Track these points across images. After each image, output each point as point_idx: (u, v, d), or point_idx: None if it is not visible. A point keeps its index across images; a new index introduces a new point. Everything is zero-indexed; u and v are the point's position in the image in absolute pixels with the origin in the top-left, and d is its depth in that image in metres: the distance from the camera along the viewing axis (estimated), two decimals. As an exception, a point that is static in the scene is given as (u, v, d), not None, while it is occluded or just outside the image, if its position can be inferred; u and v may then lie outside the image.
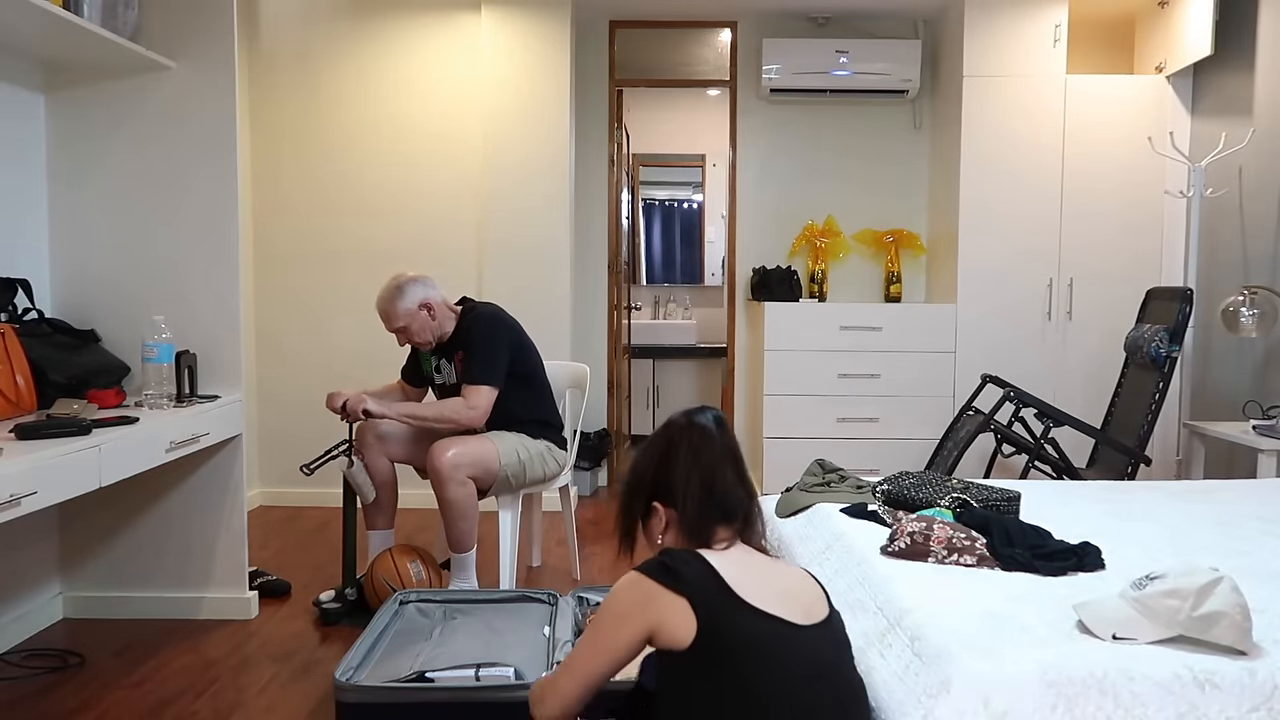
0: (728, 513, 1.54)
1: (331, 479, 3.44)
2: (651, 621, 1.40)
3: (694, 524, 1.52)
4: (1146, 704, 1.44)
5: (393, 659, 2.24)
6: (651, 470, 1.58)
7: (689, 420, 1.59)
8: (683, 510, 1.53)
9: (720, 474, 1.55)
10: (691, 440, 1.56)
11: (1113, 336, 4.37)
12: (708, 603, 1.39)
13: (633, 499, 1.61)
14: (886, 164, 4.98)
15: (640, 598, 1.41)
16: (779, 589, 1.47)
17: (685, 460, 1.54)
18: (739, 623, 1.39)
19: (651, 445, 1.61)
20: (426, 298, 3.09)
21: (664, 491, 1.55)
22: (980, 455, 4.17)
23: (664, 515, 1.55)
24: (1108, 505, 2.56)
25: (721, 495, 1.54)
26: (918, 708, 1.46)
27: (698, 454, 1.54)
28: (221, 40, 3.02)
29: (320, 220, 4.59)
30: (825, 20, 4.87)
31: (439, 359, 3.20)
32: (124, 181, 3.04)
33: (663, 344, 6.29)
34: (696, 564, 1.43)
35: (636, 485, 1.60)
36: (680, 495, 1.53)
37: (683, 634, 1.38)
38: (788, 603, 1.45)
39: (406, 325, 3.08)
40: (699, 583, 1.40)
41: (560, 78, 4.48)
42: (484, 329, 3.11)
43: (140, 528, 3.09)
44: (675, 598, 1.39)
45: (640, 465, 1.61)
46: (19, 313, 2.81)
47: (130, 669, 2.68)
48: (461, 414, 3.01)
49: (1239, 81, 4.13)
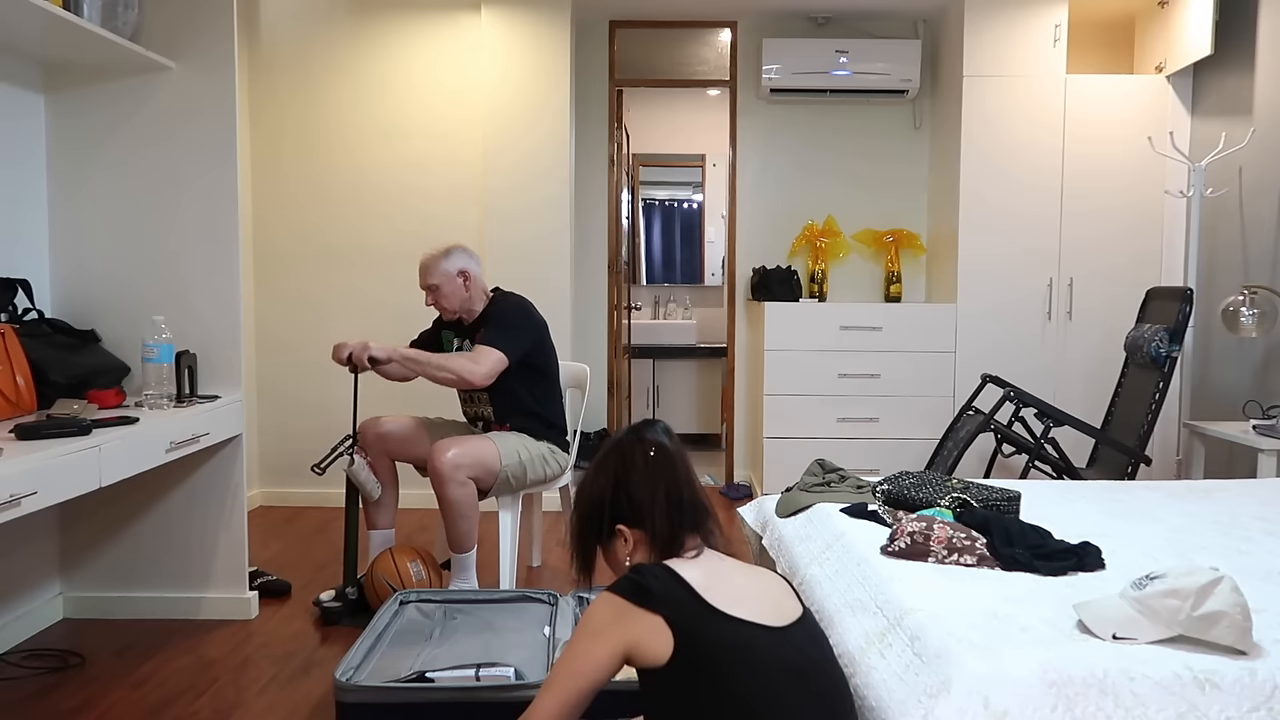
0: (695, 522, 1.52)
1: (331, 479, 3.45)
2: (628, 640, 1.38)
3: (665, 540, 1.50)
4: (1147, 704, 1.44)
5: (393, 659, 2.24)
6: (609, 494, 1.53)
7: (639, 437, 1.56)
8: (651, 528, 1.51)
9: (683, 484, 1.53)
10: (647, 456, 1.53)
11: (1113, 336, 4.37)
12: (682, 616, 1.37)
13: (588, 528, 1.56)
14: (886, 164, 4.98)
15: (614, 616, 1.39)
16: (750, 593, 1.46)
17: (645, 477, 1.51)
18: (715, 632, 1.37)
19: (602, 469, 1.56)
20: (467, 267, 3.13)
21: (625, 513, 1.52)
22: (980, 455, 4.17)
23: (630, 537, 1.52)
24: (1108, 505, 2.56)
25: (689, 505, 1.52)
26: (918, 708, 1.46)
27: (656, 468, 1.52)
28: (221, 40, 3.02)
29: (320, 220, 4.59)
30: (825, 20, 4.88)
31: (462, 340, 3.21)
32: (124, 181, 3.04)
33: (663, 344, 6.29)
34: (666, 577, 1.41)
35: (593, 513, 1.55)
36: (646, 513, 1.50)
37: (660, 650, 1.36)
38: (760, 605, 1.44)
39: (439, 284, 3.10)
40: (672, 597, 1.39)
41: (560, 78, 4.48)
42: (512, 309, 3.17)
43: (140, 528, 3.09)
44: (649, 616, 1.37)
45: (594, 492, 1.56)
46: (19, 313, 2.81)
47: (130, 669, 2.68)
48: (465, 368, 2.98)
49: (1239, 81, 4.13)
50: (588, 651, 1.39)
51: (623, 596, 1.39)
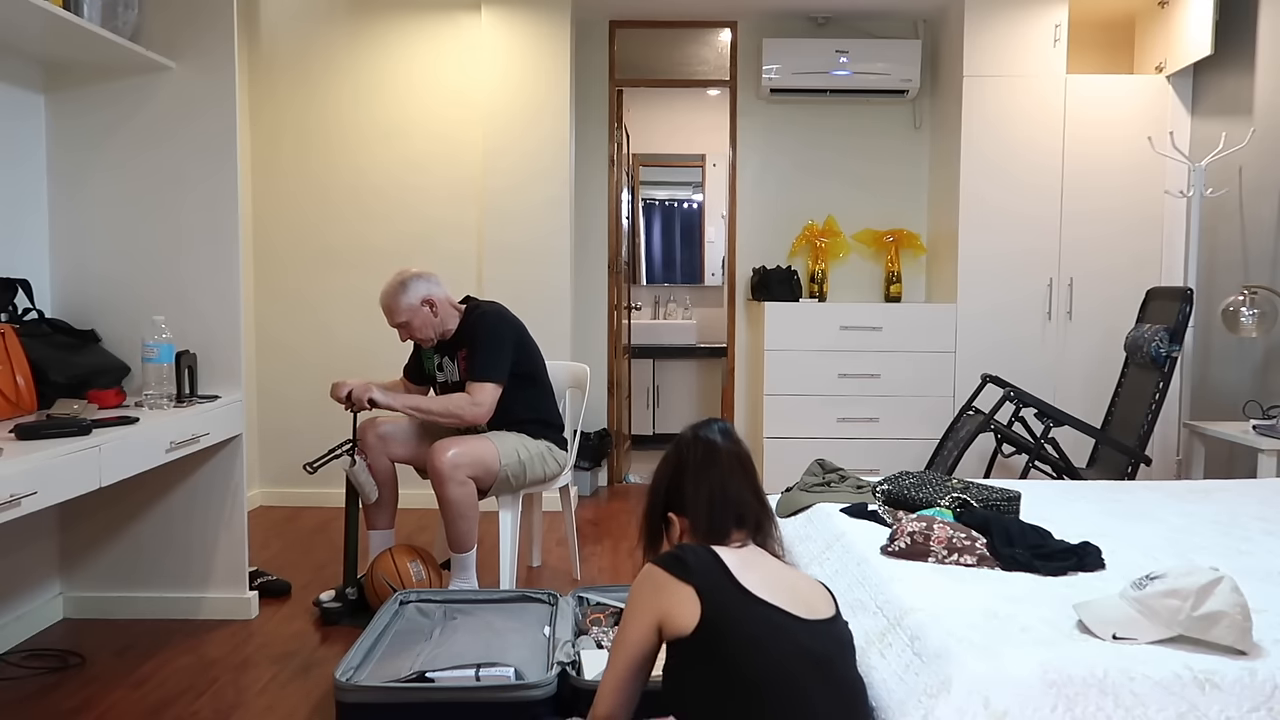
0: (738, 518, 1.62)
1: (332, 479, 3.45)
2: (661, 609, 1.48)
3: (706, 530, 1.61)
4: (1147, 704, 1.44)
5: (393, 659, 2.24)
6: (665, 485, 1.69)
7: (695, 435, 1.69)
8: (694, 519, 1.63)
9: (728, 483, 1.64)
10: (697, 454, 1.66)
11: (1113, 336, 4.37)
12: (712, 590, 1.46)
13: (651, 513, 1.72)
14: (886, 164, 4.98)
15: (651, 587, 1.50)
16: (785, 585, 1.53)
17: (693, 473, 1.65)
18: (740, 611, 1.45)
19: (664, 462, 1.72)
20: (429, 294, 3.10)
21: (677, 503, 1.66)
22: (980, 455, 4.17)
23: (678, 524, 1.66)
24: (1108, 505, 2.56)
25: (732, 502, 1.62)
26: (918, 708, 1.47)
27: (702, 466, 1.64)
28: (221, 40, 3.02)
29: (320, 220, 4.59)
30: (825, 20, 4.88)
31: (441, 357, 3.21)
32: (124, 181, 3.04)
33: (663, 344, 6.29)
34: (704, 555, 1.51)
35: (653, 500, 1.71)
36: (690, 505, 1.64)
37: (687, 620, 1.45)
38: (791, 597, 1.51)
39: (409, 320, 3.09)
40: (705, 571, 1.48)
41: (560, 78, 4.48)
42: (488, 326, 3.12)
43: (140, 528, 3.09)
44: (682, 585, 1.47)
45: (655, 482, 1.72)
46: (19, 313, 2.81)
47: (130, 669, 2.68)
48: (466, 410, 3.01)
49: (1239, 81, 4.13)
50: (633, 623, 1.51)
51: (661, 568, 1.50)
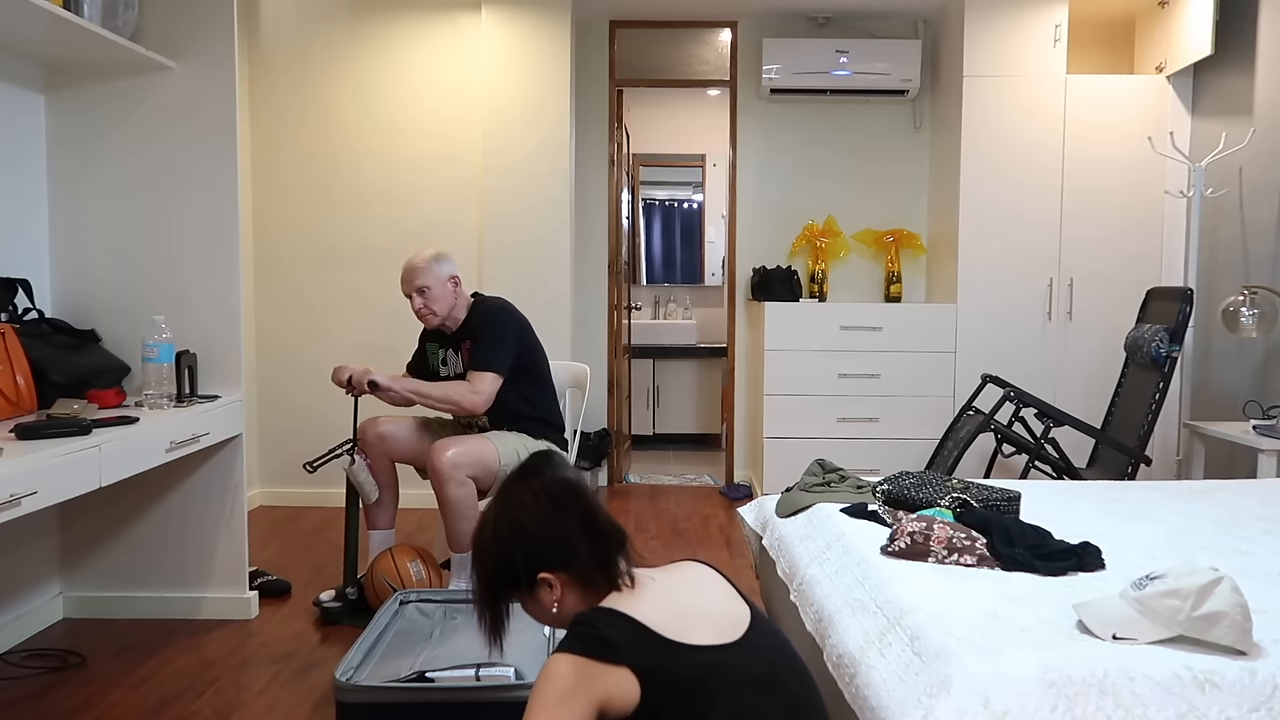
0: (619, 543, 1.43)
1: (332, 479, 3.45)
2: (599, 698, 1.28)
3: (593, 572, 1.40)
4: (1147, 704, 1.44)
5: (393, 659, 2.24)
6: (519, 545, 1.41)
7: (530, 473, 1.46)
8: (575, 564, 1.40)
9: (593, 508, 1.44)
10: (548, 491, 1.42)
11: (1113, 336, 4.37)
12: (647, 662, 1.29)
13: (499, 585, 1.44)
14: (886, 164, 4.98)
15: (578, 676, 1.28)
16: (699, 610, 1.40)
17: (554, 514, 1.41)
18: (679, 668, 1.30)
19: (499, 523, 1.43)
20: (456, 275, 3.15)
21: (543, 559, 1.40)
22: (980, 455, 4.17)
23: (555, 582, 1.41)
24: (1108, 505, 2.56)
25: (607, 527, 1.43)
26: (918, 708, 1.46)
27: (562, 500, 1.42)
28: (221, 40, 3.02)
29: (320, 220, 4.59)
30: (825, 20, 4.87)
31: (446, 350, 3.21)
32: (124, 181, 3.04)
33: (663, 344, 6.29)
34: (622, 624, 1.32)
35: (502, 570, 1.43)
36: (567, 550, 1.40)
37: (629, 700, 1.28)
38: (714, 622, 1.38)
39: (430, 286, 3.08)
40: (633, 645, 1.30)
41: (560, 78, 4.48)
42: (493, 318, 3.14)
43: (140, 528, 3.09)
44: (615, 669, 1.28)
45: (497, 547, 1.43)
46: (19, 313, 2.81)
47: (130, 669, 2.68)
48: (465, 397, 3.01)
49: (1239, 81, 4.13)
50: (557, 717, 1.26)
51: (583, 655, 1.28)
